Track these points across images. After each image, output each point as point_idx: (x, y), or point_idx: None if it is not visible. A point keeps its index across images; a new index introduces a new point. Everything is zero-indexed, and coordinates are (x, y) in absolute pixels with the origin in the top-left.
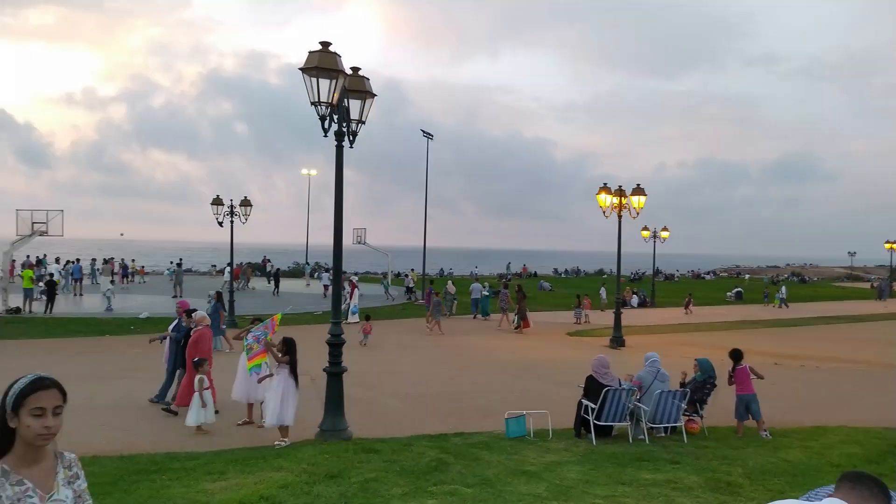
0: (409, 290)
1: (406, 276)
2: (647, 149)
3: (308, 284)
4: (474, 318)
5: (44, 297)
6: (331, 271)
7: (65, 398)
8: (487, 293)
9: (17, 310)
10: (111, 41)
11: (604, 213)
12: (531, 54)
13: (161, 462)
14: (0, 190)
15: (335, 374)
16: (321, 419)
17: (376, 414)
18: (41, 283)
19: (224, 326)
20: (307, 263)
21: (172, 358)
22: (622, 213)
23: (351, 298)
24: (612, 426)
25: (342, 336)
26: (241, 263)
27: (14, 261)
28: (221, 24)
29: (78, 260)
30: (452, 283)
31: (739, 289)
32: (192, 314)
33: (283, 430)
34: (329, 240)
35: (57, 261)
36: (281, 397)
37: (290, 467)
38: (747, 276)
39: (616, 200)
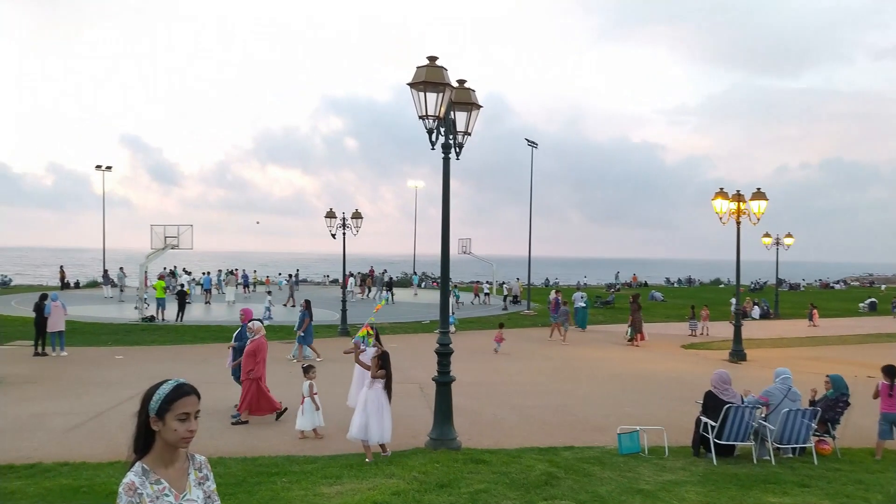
0: (514, 300)
1: (509, 285)
2: (766, 150)
3: (416, 294)
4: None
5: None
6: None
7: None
8: (585, 304)
9: (152, 318)
10: None
11: (720, 219)
12: (637, 56)
13: (281, 465)
14: (136, 206)
15: (444, 383)
16: (430, 428)
17: (484, 424)
18: (173, 293)
19: (301, 334)
20: (415, 273)
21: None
22: (740, 219)
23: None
24: (733, 445)
25: (450, 346)
26: (359, 273)
27: (147, 272)
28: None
29: (208, 272)
30: (557, 292)
31: (873, 299)
32: (250, 324)
33: (382, 445)
34: (434, 250)
35: (185, 272)
36: (374, 412)
37: (402, 475)
38: (883, 287)
39: (734, 206)
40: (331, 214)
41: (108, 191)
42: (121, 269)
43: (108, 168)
